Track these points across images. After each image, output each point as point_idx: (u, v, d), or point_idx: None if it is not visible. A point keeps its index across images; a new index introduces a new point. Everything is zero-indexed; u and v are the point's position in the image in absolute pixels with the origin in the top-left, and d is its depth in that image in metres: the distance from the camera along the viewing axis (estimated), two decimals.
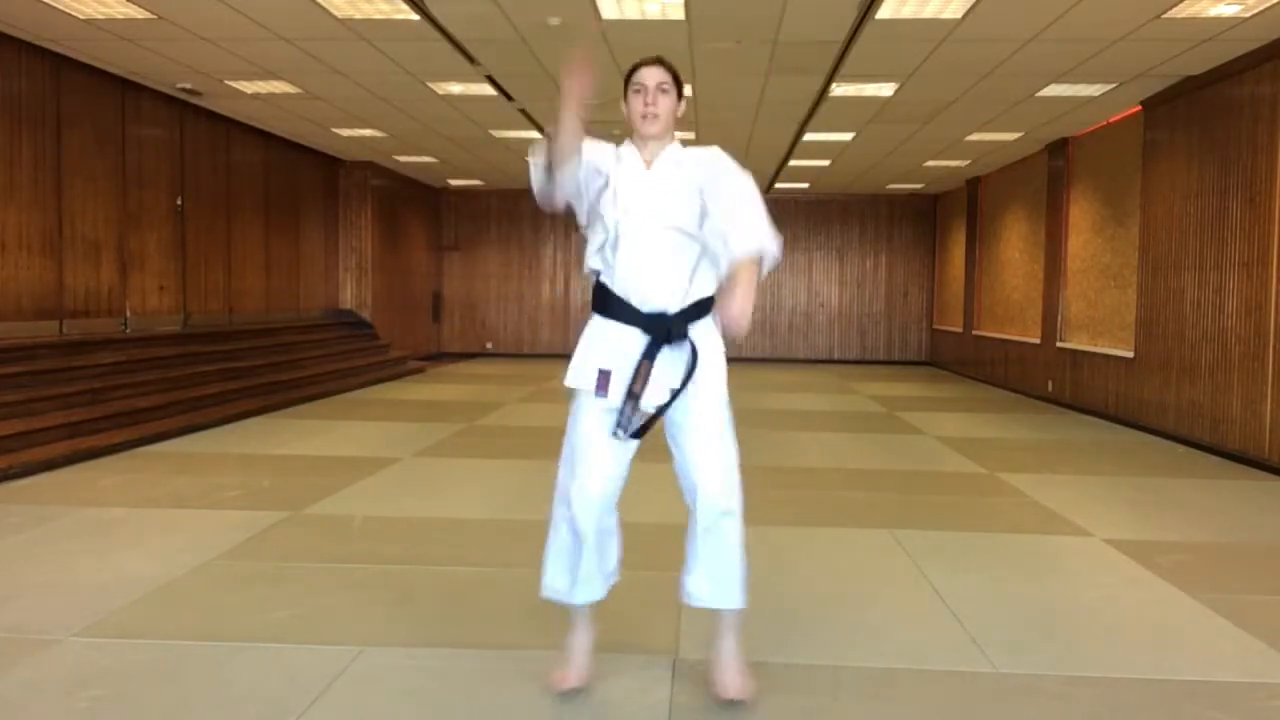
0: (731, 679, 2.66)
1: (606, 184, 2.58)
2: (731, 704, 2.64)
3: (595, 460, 2.58)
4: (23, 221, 7.17)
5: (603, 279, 2.61)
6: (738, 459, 2.64)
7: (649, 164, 2.60)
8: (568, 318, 16.54)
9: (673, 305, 2.55)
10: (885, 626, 3.32)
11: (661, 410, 2.56)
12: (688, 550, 2.66)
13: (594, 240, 2.63)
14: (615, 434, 2.54)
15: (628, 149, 2.63)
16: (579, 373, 2.59)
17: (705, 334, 2.61)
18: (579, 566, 2.64)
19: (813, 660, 2.99)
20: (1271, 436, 6.55)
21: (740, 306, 2.36)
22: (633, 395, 2.51)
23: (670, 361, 2.55)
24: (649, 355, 2.52)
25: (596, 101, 2.47)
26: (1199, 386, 7.49)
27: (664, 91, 2.56)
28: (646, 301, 2.55)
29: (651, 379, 2.52)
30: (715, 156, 2.60)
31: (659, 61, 2.59)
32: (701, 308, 2.59)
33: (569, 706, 2.67)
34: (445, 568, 3.97)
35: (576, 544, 2.64)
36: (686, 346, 2.55)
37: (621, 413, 2.52)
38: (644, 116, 2.55)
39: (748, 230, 2.45)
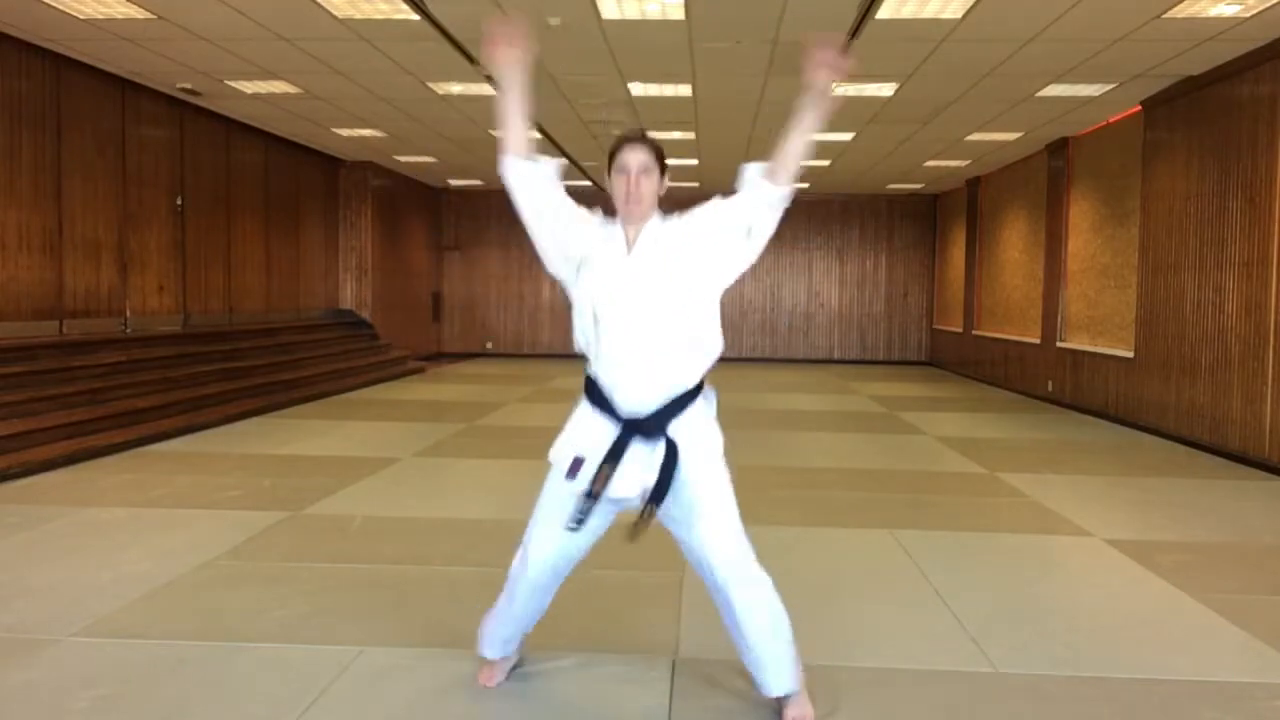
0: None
1: (587, 259, 2.58)
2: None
3: (548, 537, 2.62)
4: (23, 221, 7.18)
5: (589, 371, 2.63)
6: (742, 529, 2.59)
7: (631, 243, 2.58)
8: (568, 318, 16.49)
9: (649, 405, 2.53)
10: (885, 627, 3.32)
11: (648, 509, 2.52)
12: (734, 637, 2.61)
13: (578, 316, 2.64)
14: (569, 526, 2.55)
15: (613, 227, 2.61)
16: (559, 450, 2.62)
17: (689, 426, 2.56)
18: (506, 623, 2.74)
19: (813, 660, 2.99)
20: (1271, 436, 6.55)
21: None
22: (591, 495, 2.51)
23: (644, 456, 2.53)
24: (612, 457, 2.52)
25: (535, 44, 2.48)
26: (1199, 386, 7.48)
27: (647, 174, 2.55)
28: (626, 401, 2.54)
29: (621, 473, 2.52)
30: (708, 203, 2.59)
31: (642, 140, 2.58)
32: (682, 402, 2.56)
33: (568, 707, 2.68)
34: (445, 568, 3.97)
35: (509, 600, 2.72)
36: (661, 442, 2.52)
37: (577, 508, 2.54)
38: (627, 201, 2.56)
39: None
